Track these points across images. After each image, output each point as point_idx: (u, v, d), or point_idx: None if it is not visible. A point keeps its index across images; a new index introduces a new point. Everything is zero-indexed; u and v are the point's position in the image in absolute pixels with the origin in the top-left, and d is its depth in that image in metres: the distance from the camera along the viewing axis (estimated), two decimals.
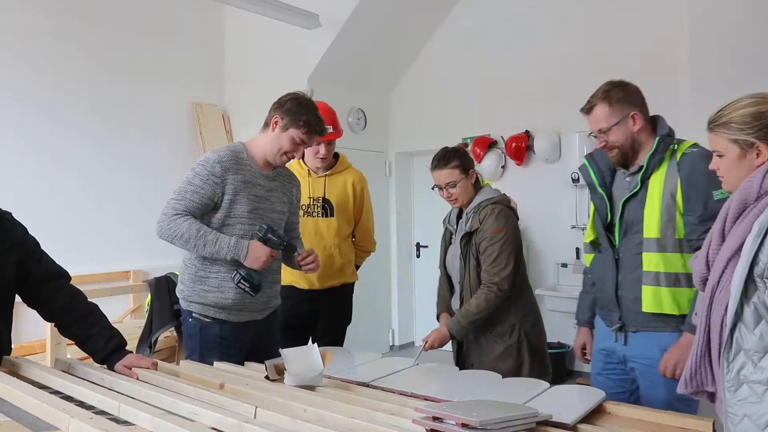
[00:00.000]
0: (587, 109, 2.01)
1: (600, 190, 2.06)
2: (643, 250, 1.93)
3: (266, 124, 2.31)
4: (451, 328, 2.35)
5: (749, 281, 1.23)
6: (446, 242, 2.59)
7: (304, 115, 2.24)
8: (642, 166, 1.94)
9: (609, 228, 2.05)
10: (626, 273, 1.98)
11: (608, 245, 2.04)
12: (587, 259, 2.23)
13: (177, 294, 2.36)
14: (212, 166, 2.20)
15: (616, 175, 2.07)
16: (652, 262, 1.91)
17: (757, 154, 1.37)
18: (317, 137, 2.35)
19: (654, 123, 2.00)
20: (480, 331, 2.41)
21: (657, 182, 1.92)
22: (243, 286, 2.18)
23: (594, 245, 2.16)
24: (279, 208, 2.37)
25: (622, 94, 1.95)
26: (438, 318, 2.62)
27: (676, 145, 1.94)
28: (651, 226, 1.91)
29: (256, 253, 2.17)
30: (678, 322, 1.92)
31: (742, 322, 1.24)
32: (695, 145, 1.94)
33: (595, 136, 2.01)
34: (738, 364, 1.24)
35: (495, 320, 2.38)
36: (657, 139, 1.92)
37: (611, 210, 2.04)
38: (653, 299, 1.91)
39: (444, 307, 2.59)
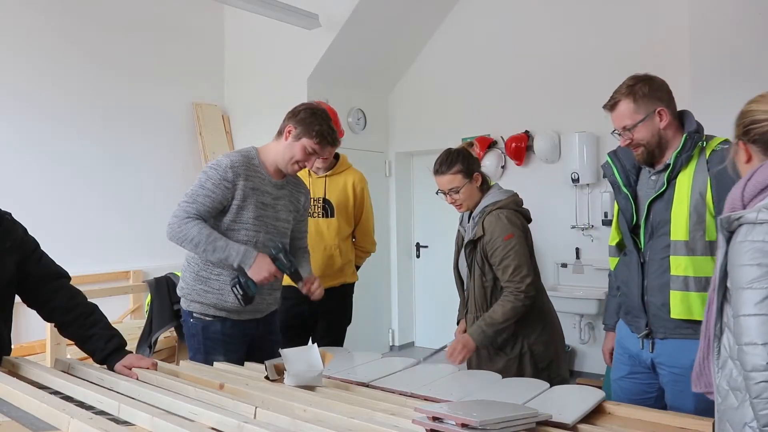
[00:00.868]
0: (610, 106, 1.90)
1: (624, 189, 1.96)
2: (670, 253, 1.82)
3: (279, 133, 2.32)
4: (475, 337, 2.19)
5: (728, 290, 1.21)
6: (458, 245, 2.49)
7: (317, 125, 2.25)
8: (668, 165, 1.83)
9: (634, 230, 1.95)
10: (653, 277, 1.88)
11: (634, 248, 1.94)
12: (612, 262, 2.12)
13: (178, 292, 2.37)
14: (225, 170, 2.20)
15: (641, 174, 1.97)
16: (680, 265, 1.80)
17: (744, 153, 1.34)
18: (330, 147, 2.36)
19: (681, 118, 1.90)
20: None
21: (685, 181, 1.81)
22: (236, 292, 2.18)
23: (619, 248, 2.06)
24: (284, 217, 2.37)
25: (647, 89, 1.84)
26: (458, 323, 2.56)
27: (704, 142, 1.82)
28: (679, 228, 1.80)
29: (262, 267, 2.18)
30: None
31: (728, 328, 1.22)
32: (726, 141, 1.81)
33: (619, 134, 1.90)
34: (726, 370, 1.22)
35: None
36: (684, 135, 1.81)
37: (636, 211, 1.94)
38: (682, 305, 1.80)
39: (464, 315, 2.49)
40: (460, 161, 2.31)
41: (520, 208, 2.36)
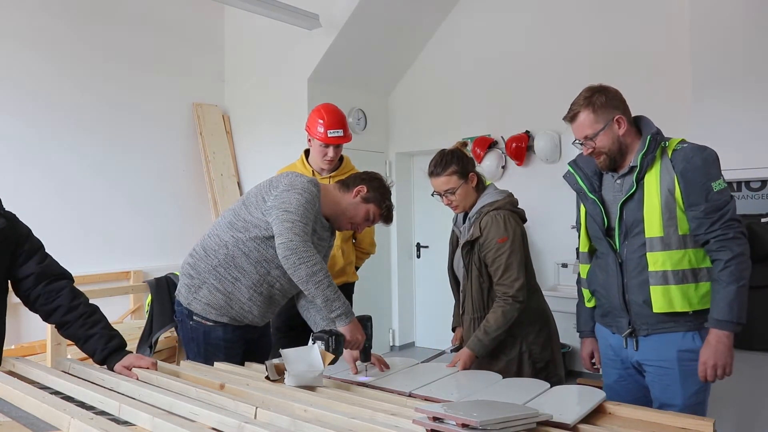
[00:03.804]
0: (570, 117, 1.98)
1: (591, 195, 2.03)
2: (647, 250, 1.90)
3: (347, 186, 2.28)
4: (473, 348, 2.18)
5: None
6: (453, 245, 2.46)
7: (388, 200, 2.30)
8: (634, 167, 1.92)
9: (608, 232, 2.01)
10: (632, 276, 1.95)
11: (609, 250, 2.00)
12: (582, 269, 2.18)
13: (176, 296, 2.32)
14: (315, 198, 2.14)
15: (604, 179, 2.05)
16: (658, 261, 1.88)
17: None
18: (384, 223, 2.36)
19: (638, 124, 1.99)
20: None
21: (653, 181, 1.89)
22: (330, 343, 1.97)
23: (591, 254, 2.13)
24: None
25: (604, 99, 1.93)
26: (453, 330, 2.55)
27: (665, 143, 1.93)
28: (653, 225, 1.88)
29: (358, 329, 2.09)
30: (691, 320, 1.89)
31: None
32: (683, 141, 1.93)
33: (581, 143, 1.98)
34: None
35: None
36: (648, 137, 1.90)
37: (607, 214, 2.01)
38: (663, 299, 1.88)
39: (459, 320, 2.46)
40: (454, 162, 2.29)
41: (516, 209, 2.34)
